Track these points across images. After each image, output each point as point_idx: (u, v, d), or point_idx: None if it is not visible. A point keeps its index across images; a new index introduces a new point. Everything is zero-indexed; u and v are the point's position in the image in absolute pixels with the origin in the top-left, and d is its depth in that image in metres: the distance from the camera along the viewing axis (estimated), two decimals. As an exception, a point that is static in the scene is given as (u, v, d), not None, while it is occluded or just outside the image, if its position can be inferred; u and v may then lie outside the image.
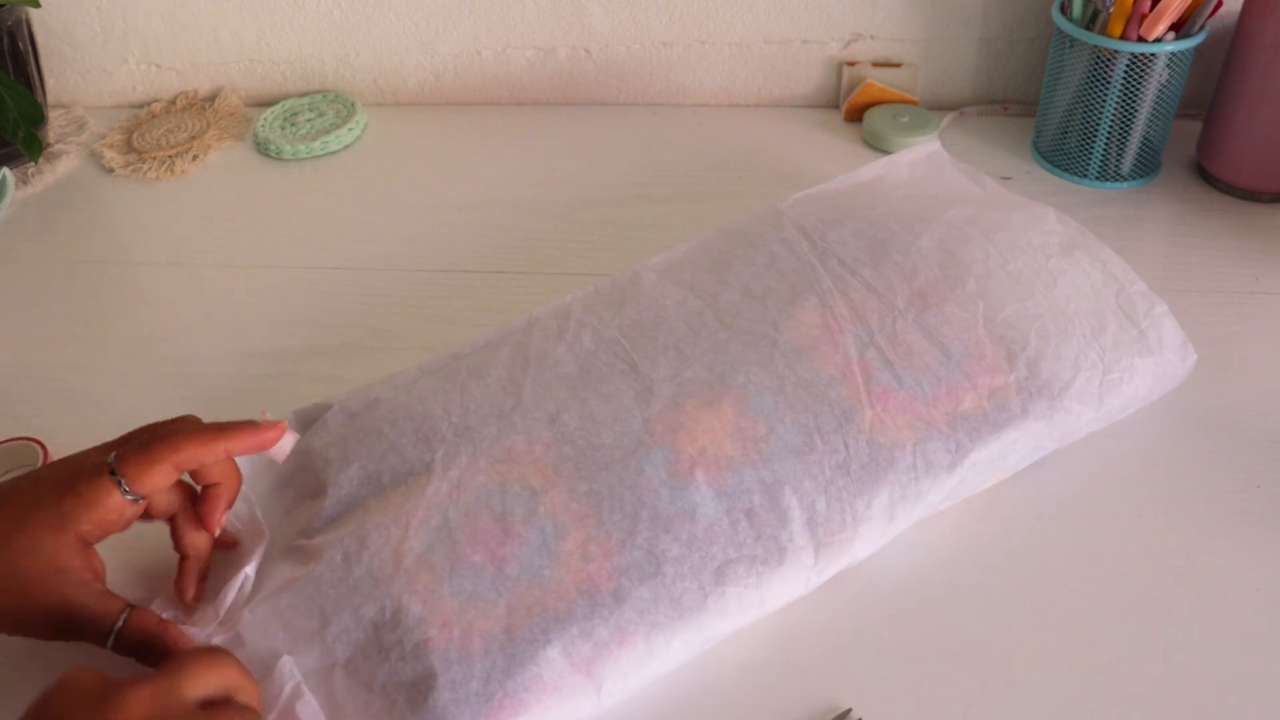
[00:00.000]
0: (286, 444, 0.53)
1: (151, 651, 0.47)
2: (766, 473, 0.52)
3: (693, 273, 0.62)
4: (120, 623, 0.47)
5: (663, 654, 0.48)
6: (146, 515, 0.50)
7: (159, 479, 0.47)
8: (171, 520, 0.51)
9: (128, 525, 0.49)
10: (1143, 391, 0.59)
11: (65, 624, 0.46)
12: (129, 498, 0.47)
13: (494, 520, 0.50)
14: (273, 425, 0.51)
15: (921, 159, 0.74)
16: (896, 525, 0.53)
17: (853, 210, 0.66)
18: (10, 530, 0.46)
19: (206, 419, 0.50)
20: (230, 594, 0.50)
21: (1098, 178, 0.83)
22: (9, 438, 0.61)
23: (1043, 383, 0.56)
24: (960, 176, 0.72)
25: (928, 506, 0.54)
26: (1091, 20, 0.77)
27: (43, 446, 0.60)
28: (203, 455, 0.48)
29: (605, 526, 0.49)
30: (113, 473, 0.47)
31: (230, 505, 0.51)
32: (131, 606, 0.48)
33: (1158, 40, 0.75)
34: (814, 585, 0.51)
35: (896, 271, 0.61)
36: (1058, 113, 0.83)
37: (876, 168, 0.72)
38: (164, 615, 0.49)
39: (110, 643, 0.47)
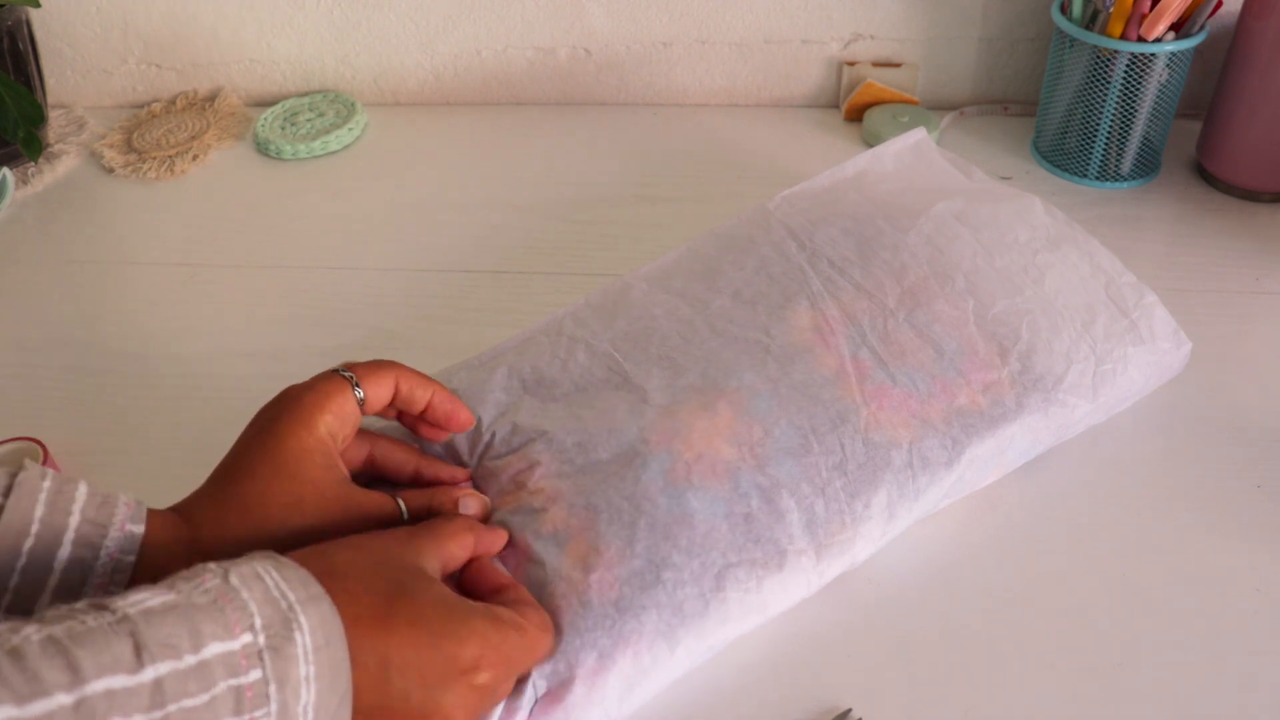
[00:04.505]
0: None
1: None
2: (763, 476, 0.52)
3: (683, 280, 0.62)
4: (404, 511, 0.50)
5: (667, 662, 0.47)
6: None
7: (385, 387, 0.51)
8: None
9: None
10: (1139, 382, 0.59)
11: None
12: (359, 394, 0.50)
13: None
14: (469, 414, 0.54)
15: (907, 148, 0.73)
16: (897, 524, 0.53)
17: (839, 207, 0.66)
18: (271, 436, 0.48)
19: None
20: None
21: (1098, 178, 0.83)
22: (9, 438, 0.60)
23: (1036, 376, 0.56)
24: (946, 165, 0.72)
25: (927, 505, 0.54)
26: (1091, 20, 0.77)
27: (43, 446, 0.59)
28: (416, 384, 0.52)
29: (604, 537, 0.49)
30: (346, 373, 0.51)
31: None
32: (395, 496, 0.50)
33: (1158, 40, 0.75)
34: (816, 588, 0.51)
35: (885, 270, 0.61)
36: (1058, 113, 0.83)
37: (861, 160, 0.72)
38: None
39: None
